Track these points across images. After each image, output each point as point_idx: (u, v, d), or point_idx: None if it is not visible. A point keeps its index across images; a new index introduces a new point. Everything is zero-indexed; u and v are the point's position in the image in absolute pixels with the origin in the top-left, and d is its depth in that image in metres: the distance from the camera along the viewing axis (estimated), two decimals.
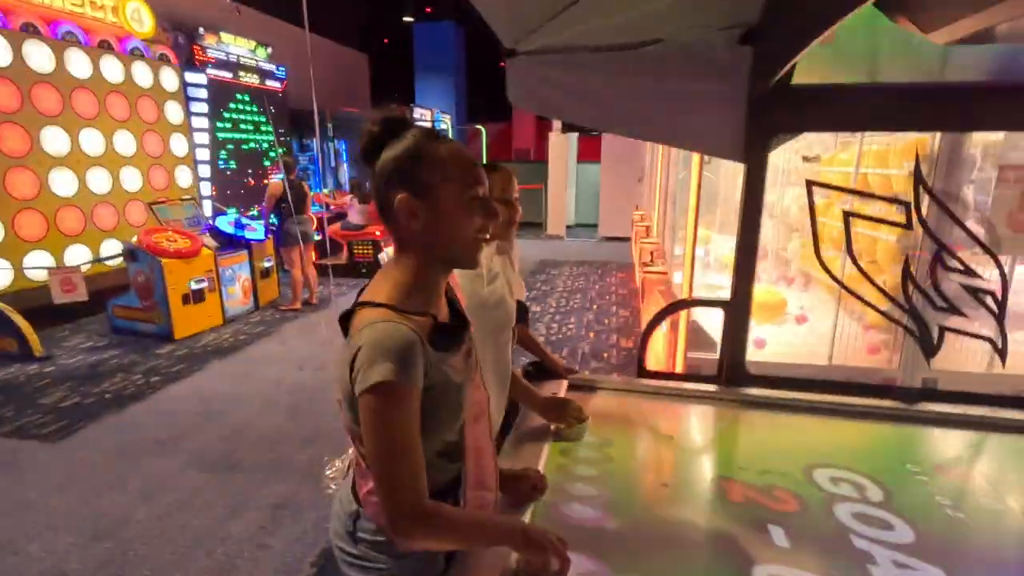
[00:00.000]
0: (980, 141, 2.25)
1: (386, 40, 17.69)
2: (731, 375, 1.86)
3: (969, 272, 1.69)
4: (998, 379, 2.67)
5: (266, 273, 6.28)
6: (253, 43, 8.41)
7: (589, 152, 11.61)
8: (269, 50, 8.77)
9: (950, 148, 2.34)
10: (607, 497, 1.25)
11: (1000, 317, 1.70)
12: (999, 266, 1.67)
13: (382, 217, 0.92)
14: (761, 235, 1.75)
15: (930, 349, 1.78)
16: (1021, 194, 1.63)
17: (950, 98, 1.58)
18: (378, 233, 7.53)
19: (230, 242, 5.84)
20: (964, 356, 2.88)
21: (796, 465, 1.40)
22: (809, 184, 1.74)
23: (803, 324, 3.30)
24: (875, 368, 2.85)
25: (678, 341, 2.87)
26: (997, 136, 2.21)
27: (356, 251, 7.50)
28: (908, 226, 1.70)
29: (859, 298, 1.80)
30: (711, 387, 1.82)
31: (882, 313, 1.82)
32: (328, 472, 1.44)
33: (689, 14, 1.62)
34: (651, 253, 5.47)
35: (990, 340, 1.74)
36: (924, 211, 1.76)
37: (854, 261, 1.78)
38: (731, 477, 1.35)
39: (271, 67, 8.63)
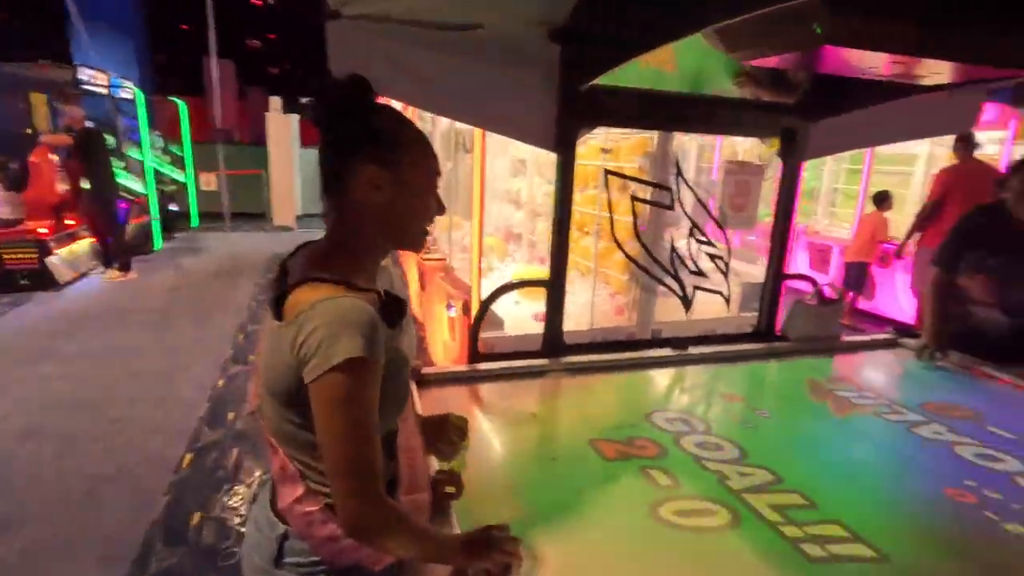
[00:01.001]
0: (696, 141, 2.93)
1: None
2: (554, 347, 2.03)
3: (710, 243, 2.20)
4: (694, 323, 3.55)
5: None
6: None
7: (313, 136, 10.77)
8: None
9: (663, 145, 2.99)
10: (507, 482, 1.25)
11: (726, 274, 2.26)
12: (726, 238, 2.21)
13: (329, 186, 0.87)
14: (512, 220, 1.96)
15: (688, 305, 2.26)
16: (735, 183, 2.19)
17: (694, 106, 2.03)
18: (43, 231, 5.68)
19: None
20: (669, 309, 3.74)
21: (638, 415, 1.63)
22: (607, 173, 1.99)
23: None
24: (620, 326, 3.48)
25: (470, 323, 2.98)
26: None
27: (7, 256, 5.49)
28: (671, 207, 2.11)
29: (645, 270, 2.16)
30: (542, 361, 1.96)
31: (655, 278, 2.23)
32: (230, 501, 1.13)
33: (505, 4, 1.68)
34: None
35: (722, 294, 2.30)
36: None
37: (638, 237, 2.13)
38: (599, 438, 1.49)
39: None
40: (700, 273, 2.24)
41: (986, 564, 1.11)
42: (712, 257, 2.24)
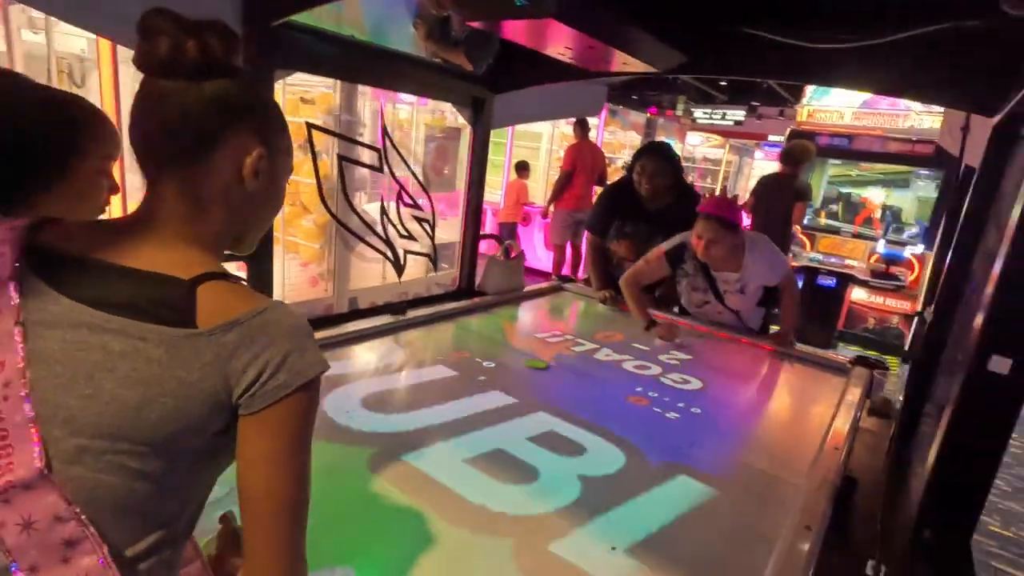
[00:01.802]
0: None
1: None
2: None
3: (416, 206, 2.20)
4: (390, 288, 3.60)
5: None
6: None
7: None
8: None
9: (347, 103, 2.84)
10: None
11: (432, 237, 2.33)
12: (431, 200, 2.26)
13: (183, 152, 0.61)
14: None
15: (400, 269, 2.23)
16: (435, 149, 2.23)
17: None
18: None
19: None
20: (364, 275, 3.69)
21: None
22: (309, 127, 1.76)
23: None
24: (319, 299, 3.24)
25: None
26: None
27: None
28: (380, 170, 2.03)
29: (359, 237, 2.02)
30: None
31: (369, 244, 2.12)
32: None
33: None
34: None
35: (430, 256, 2.35)
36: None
37: (349, 204, 1.97)
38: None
39: None
40: (410, 236, 2.23)
41: (666, 447, 1.46)
42: (419, 220, 2.25)
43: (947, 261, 1.72)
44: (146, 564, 0.57)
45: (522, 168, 6.37)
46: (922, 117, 4.97)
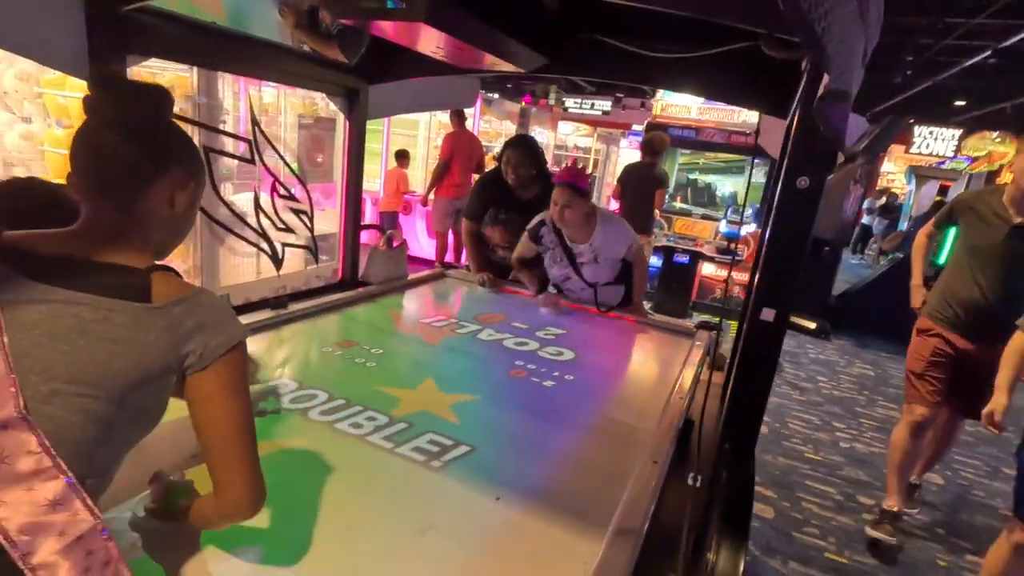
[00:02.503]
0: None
1: None
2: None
3: (292, 198, 2.17)
4: (263, 283, 3.46)
5: None
6: None
7: None
8: None
9: (206, 86, 2.68)
10: None
11: (311, 229, 2.31)
12: (307, 191, 2.24)
13: (129, 183, 0.81)
14: None
15: (278, 263, 2.20)
16: (311, 138, 2.20)
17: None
18: None
19: None
20: (234, 272, 3.51)
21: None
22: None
23: None
24: None
25: None
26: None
27: None
28: (252, 161, 1.98)
29: (233, 232, 1.95)
30: None
31: (244, 239, 2.06)
32: None
33: None
34: None
35: (309, 248, 2.33)
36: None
37: (218, 195, 1.90)
38: None
39: None
40: (287, 228, 2.20)
41: (543, 410, 1.64)
42: (296, 212, 2.22)
43: (764, 238, 2.09)
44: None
45: (402, 156, 6.33)
46: (753, 112, 5.73)
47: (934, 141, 9.56)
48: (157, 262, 0.84)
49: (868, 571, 2.43)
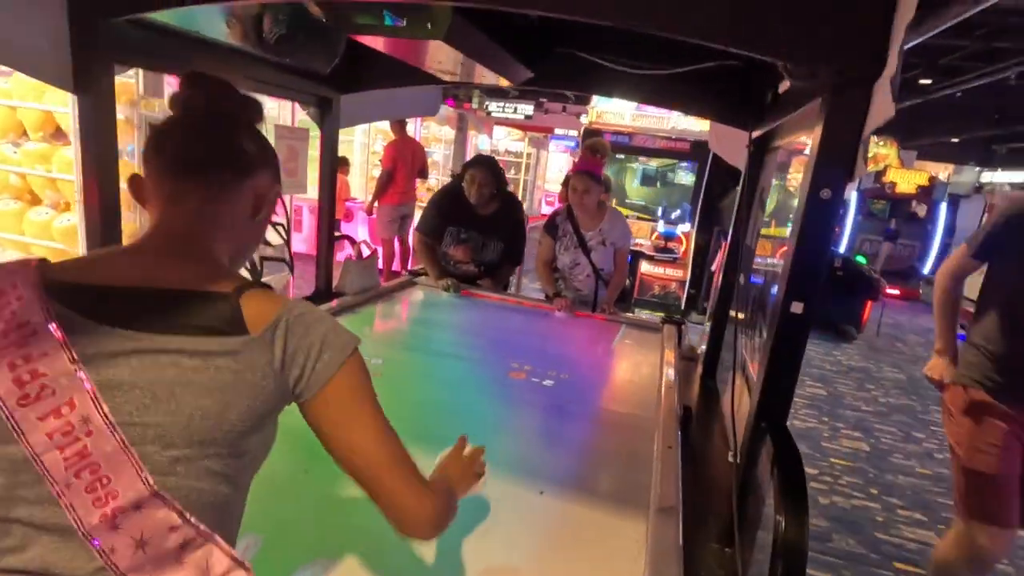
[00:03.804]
0: None
1: None
2: None
3: None
4: None
5: None
6: None
7: None
8: None
9: (154, 91, 2.54)
10: None
11: (288, 241, 2.26)
12: (283, 203, 2.19)
13: (212, 171, 0.72)
14: None
15: (258, 276, 2.14)
16: (286, 147, 2.16)
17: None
18: None
19: None
20: None
21: None
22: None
23: None
24: None
25: None
26: None
27: None
28: None
29: None
30: None
31: None
32: None
33: None
34: None
35: (285, 260, 2.28)
36: None
37: None
38: None
39: None
40: (266, 242, 2.14)
41: (550, 406, 1.72)
42: (273, 224, 2.17)
43: (728, 240, 2.29)
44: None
45: (342, 163, 6.18)
46: (680, 120, 6.11)
47: None
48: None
49: (823, 532, 2.71)
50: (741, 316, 1.94)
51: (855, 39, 0.89)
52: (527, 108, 12.00)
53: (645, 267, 6.18)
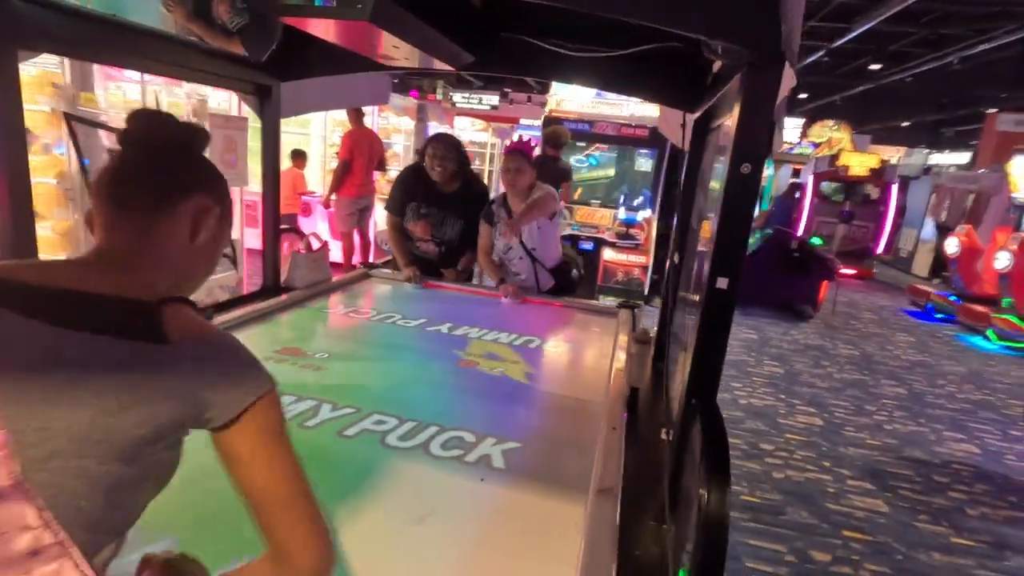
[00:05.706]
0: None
1: None
2: None
3: None
4: None
5: None
6: None
7: None
8: None
9: (82, 82, 2.42)
10: None
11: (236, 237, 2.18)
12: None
13: (138, 202, 0.72)
14: None
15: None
16: (223, 137, 2.07)
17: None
18: None
19: None
20: None
21: None
22: (68, 119, 1.52)
23: None
24: None
25: None
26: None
27: None
28: None
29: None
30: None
31: None
32: None
33: None
34: None
35: (228, 256, 2.20)
36: None
37: None
38: None
39: None
40: None
41: (502, 392, 1.71)
42: None
43: (675, 221, 2.30)
44: None
45: (297, 156, 6.04)
46: (638, 106, 6.15)
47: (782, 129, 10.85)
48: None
49: (777, 505, 2.79)
50: (687, 297, 1.96)
51: (763, 14, 0.89)
52: (492, 99, 11.89)
53: (608, 254, 6.22)
